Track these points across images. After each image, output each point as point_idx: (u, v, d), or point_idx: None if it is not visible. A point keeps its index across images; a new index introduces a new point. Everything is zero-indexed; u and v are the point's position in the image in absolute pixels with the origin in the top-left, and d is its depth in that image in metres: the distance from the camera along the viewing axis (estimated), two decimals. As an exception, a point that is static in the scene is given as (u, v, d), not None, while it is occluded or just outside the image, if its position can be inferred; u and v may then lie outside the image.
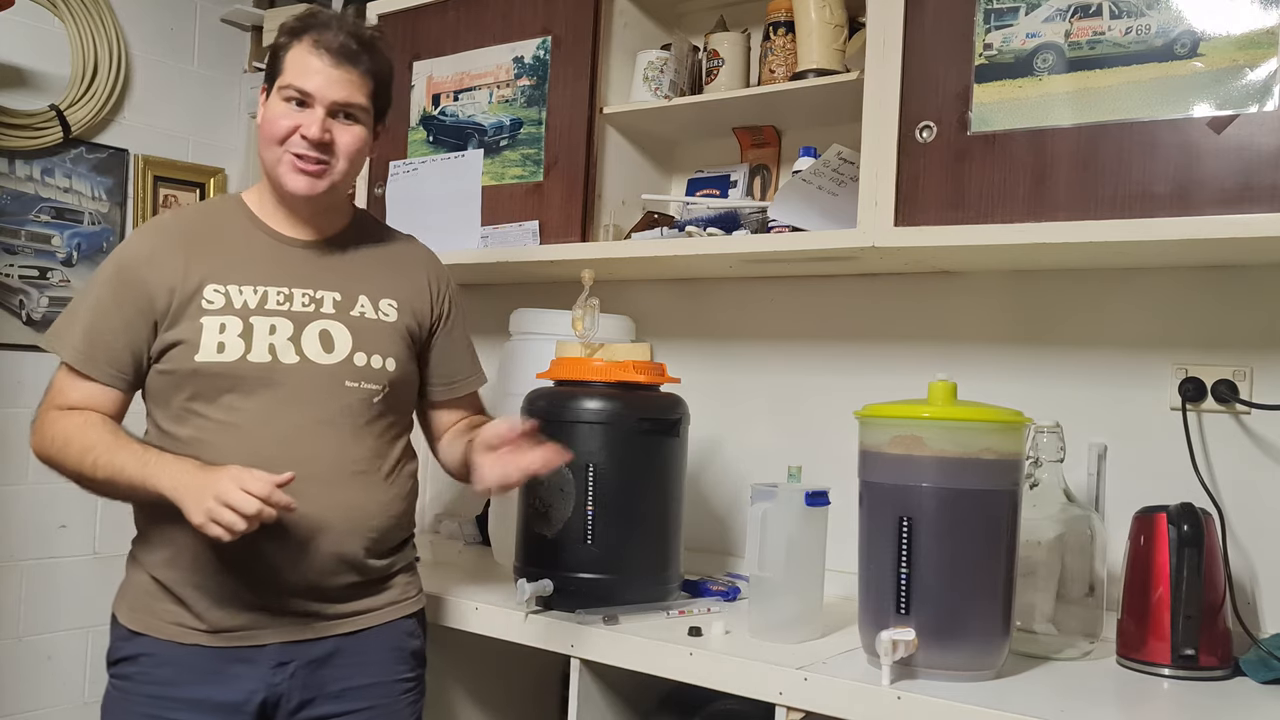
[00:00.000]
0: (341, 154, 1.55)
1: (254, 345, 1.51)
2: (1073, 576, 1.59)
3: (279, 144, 1.53)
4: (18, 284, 2.64)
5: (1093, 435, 1.75)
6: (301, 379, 1.52)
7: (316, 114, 1.52)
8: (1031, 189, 1.52)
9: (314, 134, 1.51)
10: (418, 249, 1.76)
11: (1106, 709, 1.40)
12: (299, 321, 1.54)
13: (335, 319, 1.57)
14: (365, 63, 1.55)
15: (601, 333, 1.83)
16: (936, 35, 1.61)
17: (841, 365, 2.03)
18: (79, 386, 1.52)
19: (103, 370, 1.52)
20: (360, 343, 1.57)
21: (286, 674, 1.51)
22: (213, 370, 1.49)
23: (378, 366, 1.58)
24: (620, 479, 1.72)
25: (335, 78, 1.52)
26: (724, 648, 1.55)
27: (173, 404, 1.52)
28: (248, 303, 1.53)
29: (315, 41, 1.52)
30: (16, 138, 2.61)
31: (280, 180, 1.55)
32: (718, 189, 2.17)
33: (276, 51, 1.56)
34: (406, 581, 1.65)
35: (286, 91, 1.53)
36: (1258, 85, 1.37)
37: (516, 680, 2.10)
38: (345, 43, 1.53)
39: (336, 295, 1.59)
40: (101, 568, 2.72)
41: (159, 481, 1.41)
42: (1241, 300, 1.66)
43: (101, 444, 1.46)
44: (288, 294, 1.56)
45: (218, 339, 1.50)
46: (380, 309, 1.62)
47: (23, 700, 2.64)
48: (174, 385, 1.51)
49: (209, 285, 1.52)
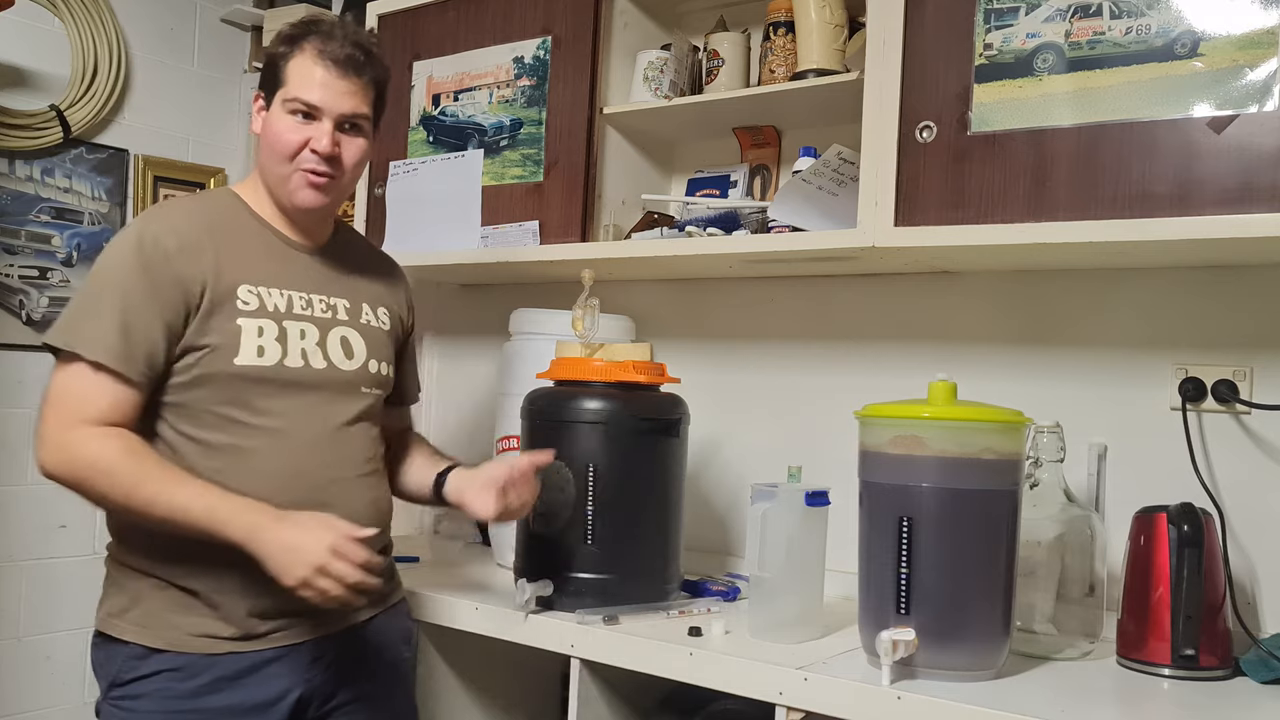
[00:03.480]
0: (347, 166, 1.54)
1: (289, 350, 1.50)
2: (1073, 576, 1.59)
3: (289, 159, 1.50)
4: (18, 284, 2.64)
5: (1093, 435, 1.75)
6: (329, 384, 1.54)
7: (325, 127, 1.49)
8: (1031, 189, 1.52)
9: (325, 148, 1.49)
10: (391, 261, 1.80)
11: (1106, 709, 1.40)
12: (323, 327, 1.55)
13: (350, 325, 1.59)
14: (369, 72, 1.53)
15: (601, 333, 1.83)
16: (936, 35, 1.61)
17: (841, 365, 2.03)
18: (108, 390, 1.40)
19: (139, 369, 1.41)
20: (372, 350, 1.61)
21: (321, 668, 1.53)
22: (253, 374, 1.46)
23: (384, 373, 1.63)
24: (620, 479, 1.72)
25: (342, 89, 1.50)
26: (724, 648, 1.55)
27: (198, 409, 1.45)
28: (278, 306, 1.51)
29: (320, 52, 1.49)
30: (16, 138, 2.61)
31: (290, 195, 1.53)
32: (718, 189, 2.17)
33: (276, 61, 1.52)
34: (394, 566, 1.72)
35: (293, 104, 1.49)
36: (1258, 85, 1.37)
37: (516, 680, 2.10)
38: (351, 54, 1.50)
39: (345, 302, 1.60)
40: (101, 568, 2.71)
41: (230, 531, 1.36)
42: (1241, 300, 1.66)
43: (154, 478, 1.38)
44: (308, 299, 1.55)
45: (257, 342, 1.46)
46: (378, 316, 1.65)
47: (22, 700, 2.64)
48: (203, 389, 1.45)
49: (243, 285, 1.48)
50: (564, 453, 1.72)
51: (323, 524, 1.38)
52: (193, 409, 1.46)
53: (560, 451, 1.72)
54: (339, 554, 1.35)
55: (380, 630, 1.63)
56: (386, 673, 1.63)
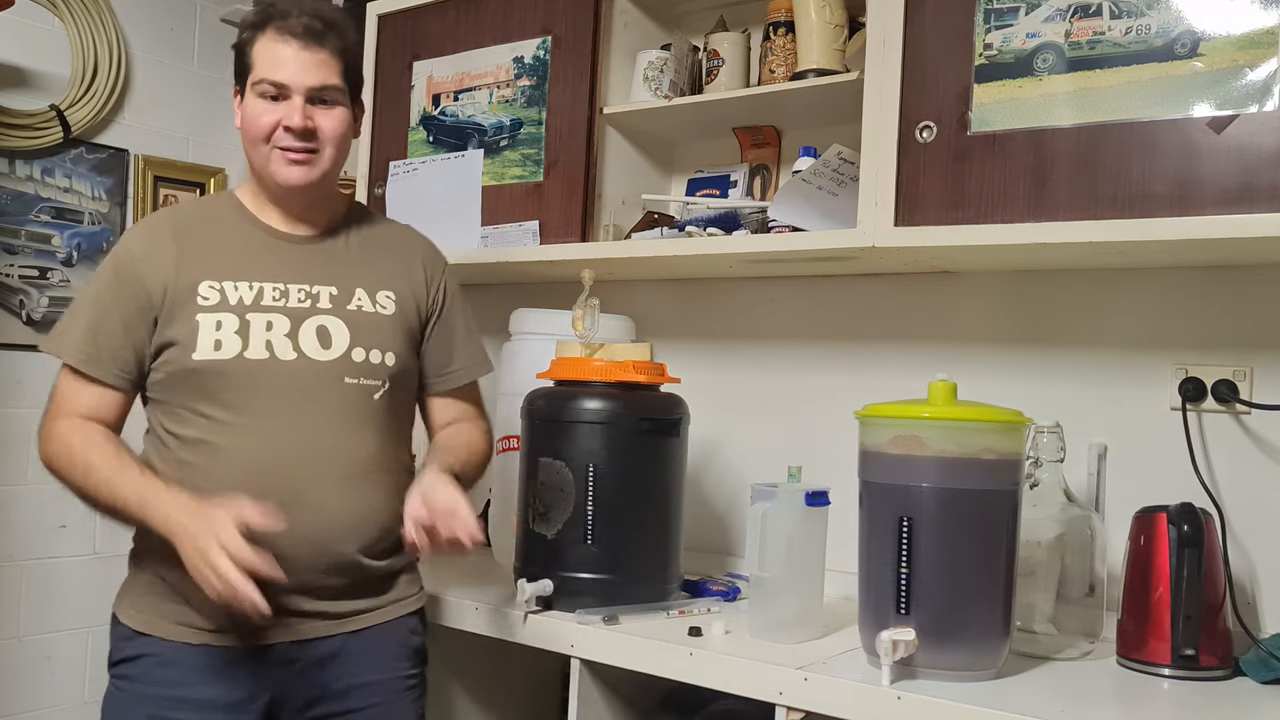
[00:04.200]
0: (327, 139, 1.54)
1: (251, 342, 1.49)
2: (1073, 576, 1.59)
3: (265, 141, 1.52)
4: (18, 284, 2.64)
5: (1093, 435, 1.75)
6: (300, 376, 1.51)
7: (295, 103, 1.51)
8: (1031, 189, 1.52)
9: (297, 123, 1.50)
10: (413, 237, 1.74)
11: (1106, 709, 1.40)
12: (295, 317, 1.53)
13: (332, 314, 1.55)
14: (332, 41, 1.53)
15: (601, 333, 1.83)
16: (936, 35, 1.61)
17: (841, 365, 2.03)
18: (84, 390, 1.50)
19: (108, 371, 1.49)
20: (358, 338, 1.55)
21: (293, 673, 1.51)
22: (211, 368, 1.48)
23: (376, 361, 1.56)
24: (620, 479, 1.71)
25: (306, 62, 1.51)
26: (724, 648, 1.55)
27: (173, 404, 1.50)
28: (243, 299, 1.51)
29: (280, 29, 1.51)
30: (16, 138, 2.61)
31: (273, 176, 1.54)
32: (718, 189, 2.17)
33: (242, 48, 1.55)
34: (408, 580, 1.64)
35: (261, 86, 1.51)
36: (1258, 85, 1.37)
37: (516, 680, 2.10)
38: (310, 24, 1.51)
39: (333, 290, 1.57)
40: (101, 568, 2.72)
41: (152, 520, 1.40)
42: (1241, 300, 1.66)
43: (104, 468, 1.44)
44: (283, 290, 1.54)
45: (214, 336, 1.48)
46: (378, 301, 1.60)
47: (23, 700, 2.64)
48: (173, 385, 1.50)
49: (203, 282, 1.51)
50: (564, 453, 1.72)
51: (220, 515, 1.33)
52: (168, 405, 1.51)
53: (560, 451, 1.72)
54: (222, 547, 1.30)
55: (374, 643, 1.57)
56: (378, 690, 1.57)
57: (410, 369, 1.64)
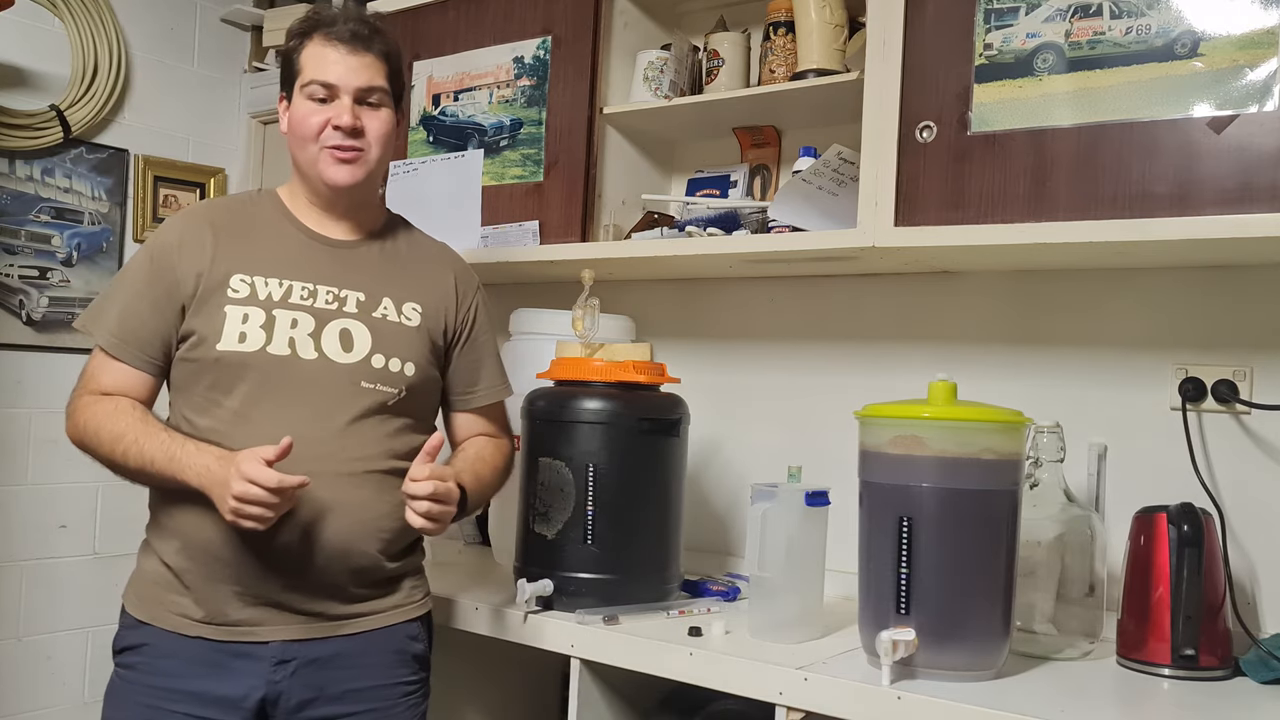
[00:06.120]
0: (374, 139, 1.58)
1: (274, 337, 1.51)
2: (1073, 576, 1.59)
3: (313, 141, 1.56)
4: (18, 284, 2.64)
5: (1093, 435, 1.75)
6: (318, 376, 1.52)
7: (344, 103, 1.55)
8: (1031, 189, 1.52)
9: (346, 122, 1.55)
10: (448, 255, 1.76)
11: (1106, 709, 1.40)
12: (321, 318, 1.55)
13: (357, 319, 1.57)
14: (377, 45, 1.59)
15: (601, 333, 1.83)
16: (936, 35, 1.61)
17: (841, 365, 2.03)
18: (111, 370, 1.53)
19: (134, 354, 1.53)
20: (380, 345, 1.57)
21: (287, 672, 1.51)
22: (233, 360, 1.50)
23: (395, 370, 1.57)
24: (620, 479, 1.72)
25: (354, 65, 1.56)
26: (724, 648, 1.55)
27: (195, 392, 1.53)
28: (272, 295, 1.54)
29: (328, 34, 1.56)
30: (16, 138, 2.61)
31: (321, 175, 1.57)
32: (718, 189, 2.17)
33: (289, 55, 1.60)
34: (413, 585, 1.63)
35: (310, 89, 1.56)
36: (1258, 85, 1.37)
37: (516, 680, 2.10)
38: (356, 29, 1.57)
39: (360, 295, 1.59)
40: (101, 568, 2.72)
41: (186, 475, 1.43)
42: (1241, 300, 1.66)
43: (131, 433, 1.47)
44: (312, 290, 1.56)
45: (240, 329, 1.51)
46: (404, 313, 1.62)
47: (23, 700, 2.64)
48: (196, 373, 1.52)
49: (236, 275, 1.54)
50: (564, 453, 1.72)
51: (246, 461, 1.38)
52: (188, 391, 1.54)
53: (560, 451, 1.72)
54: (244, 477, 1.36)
55: (371, 646, 1.56)
56: (374, 696, 1.56)
57: (430, 380, 1.64)
